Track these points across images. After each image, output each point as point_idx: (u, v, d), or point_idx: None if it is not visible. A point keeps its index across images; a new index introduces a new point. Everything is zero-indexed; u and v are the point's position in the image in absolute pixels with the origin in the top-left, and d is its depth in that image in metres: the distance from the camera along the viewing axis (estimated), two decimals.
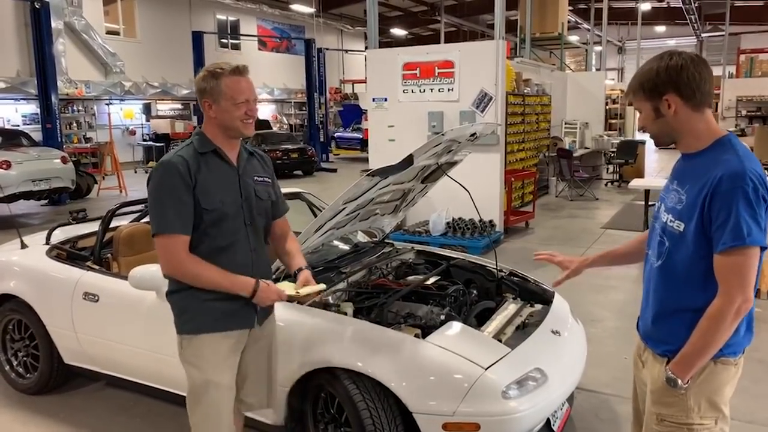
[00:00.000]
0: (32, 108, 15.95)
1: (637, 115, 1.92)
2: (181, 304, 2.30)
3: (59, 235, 4.15)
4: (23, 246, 3.99)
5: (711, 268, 1.74)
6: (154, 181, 2.21)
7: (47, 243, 3.97)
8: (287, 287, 2.36)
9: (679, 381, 1.78)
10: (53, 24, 12.99)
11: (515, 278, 3.73)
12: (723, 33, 24.71)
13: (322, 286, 2.40)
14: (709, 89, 1.78)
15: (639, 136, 16.28)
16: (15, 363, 3.94)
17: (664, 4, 26.77)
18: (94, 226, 4.06)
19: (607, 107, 16.25)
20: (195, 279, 2.22)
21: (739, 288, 1.69)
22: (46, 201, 11.88)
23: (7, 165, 9.84)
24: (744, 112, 22.32)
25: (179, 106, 21.46)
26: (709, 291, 1.74)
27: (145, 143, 19.16)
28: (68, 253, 3.84)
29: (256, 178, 2.40)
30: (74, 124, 17.53)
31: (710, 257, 1.74)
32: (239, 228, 2.31)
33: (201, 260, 2.22)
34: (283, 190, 4.47)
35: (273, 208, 2.50)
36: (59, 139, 12.35)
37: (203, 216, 2.21)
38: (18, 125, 15.74)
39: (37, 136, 12.39)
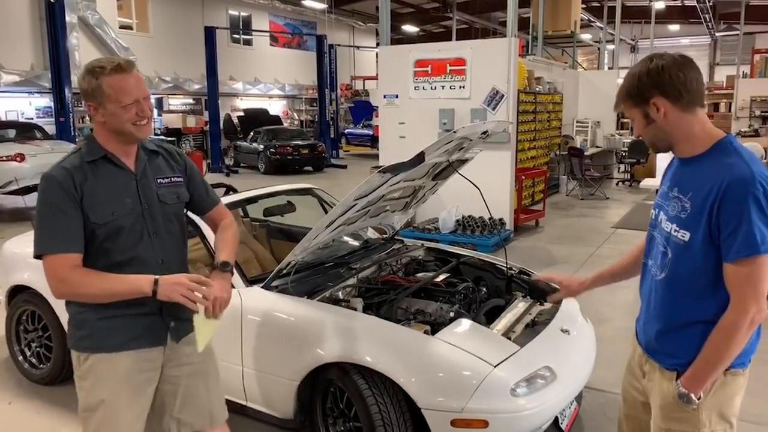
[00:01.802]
0: (46, 101, 16.13)
1: None
2: (79, 317, 2.10)
3: None
4: None
5: (719, 277, 1.68)
6: (37, 199, 2.02)
7: None
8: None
9: (693, 396, 1.72)
10: (67, 18, 13.11)
11: (525, 276, 3.73)
12: (737, 32, 24.46)
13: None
14: (697, 88, 1.72)
15: None
16: (28, 354, 4.00)
17: (678, 3, 26.51)
18: None
19: None
20: (89, 293, 2.00)
21: (753, 298, 1.62)
22: None
23: (21, 158, 9.94)
24: (758, 113, 22.10)
25: (191, 100, 21.59)
26: (719, 301, 1.69)
27: (156, 137, 19.24)
28: None
29: (159, 180, 2.17)
30: (87, 118, 17.64)
31: (718, 266, 1.68)
32: (140, 240, 2.08)
33: (90, 271, 2.00)
34: (294, 186, 4.54)
35: (198, 204, 2.31)
36: (72, 132, 12.46)
37: (95, 231, 2.00)
38: (32, 118, 15.87)
39: (51, 129, 12.49)
